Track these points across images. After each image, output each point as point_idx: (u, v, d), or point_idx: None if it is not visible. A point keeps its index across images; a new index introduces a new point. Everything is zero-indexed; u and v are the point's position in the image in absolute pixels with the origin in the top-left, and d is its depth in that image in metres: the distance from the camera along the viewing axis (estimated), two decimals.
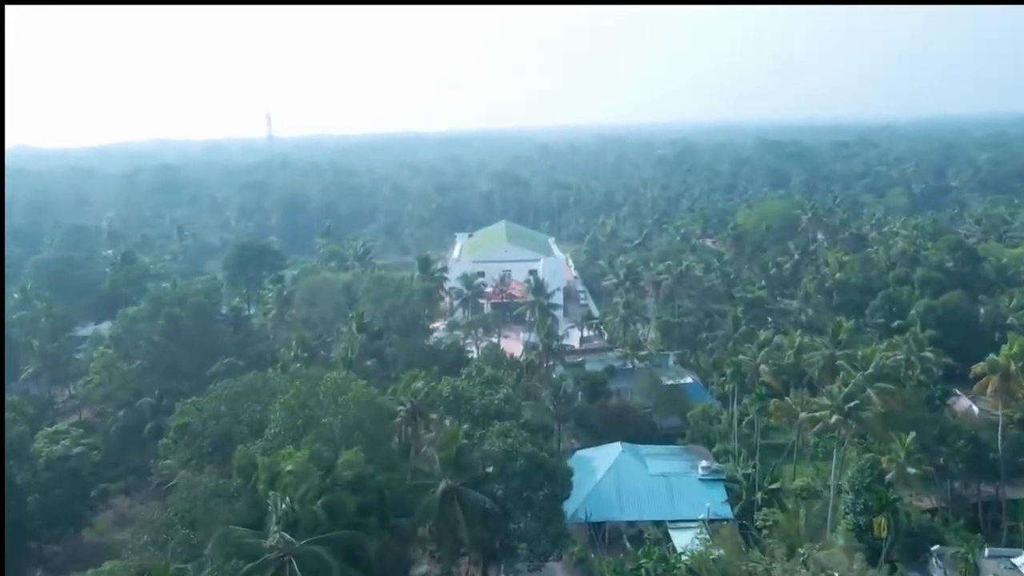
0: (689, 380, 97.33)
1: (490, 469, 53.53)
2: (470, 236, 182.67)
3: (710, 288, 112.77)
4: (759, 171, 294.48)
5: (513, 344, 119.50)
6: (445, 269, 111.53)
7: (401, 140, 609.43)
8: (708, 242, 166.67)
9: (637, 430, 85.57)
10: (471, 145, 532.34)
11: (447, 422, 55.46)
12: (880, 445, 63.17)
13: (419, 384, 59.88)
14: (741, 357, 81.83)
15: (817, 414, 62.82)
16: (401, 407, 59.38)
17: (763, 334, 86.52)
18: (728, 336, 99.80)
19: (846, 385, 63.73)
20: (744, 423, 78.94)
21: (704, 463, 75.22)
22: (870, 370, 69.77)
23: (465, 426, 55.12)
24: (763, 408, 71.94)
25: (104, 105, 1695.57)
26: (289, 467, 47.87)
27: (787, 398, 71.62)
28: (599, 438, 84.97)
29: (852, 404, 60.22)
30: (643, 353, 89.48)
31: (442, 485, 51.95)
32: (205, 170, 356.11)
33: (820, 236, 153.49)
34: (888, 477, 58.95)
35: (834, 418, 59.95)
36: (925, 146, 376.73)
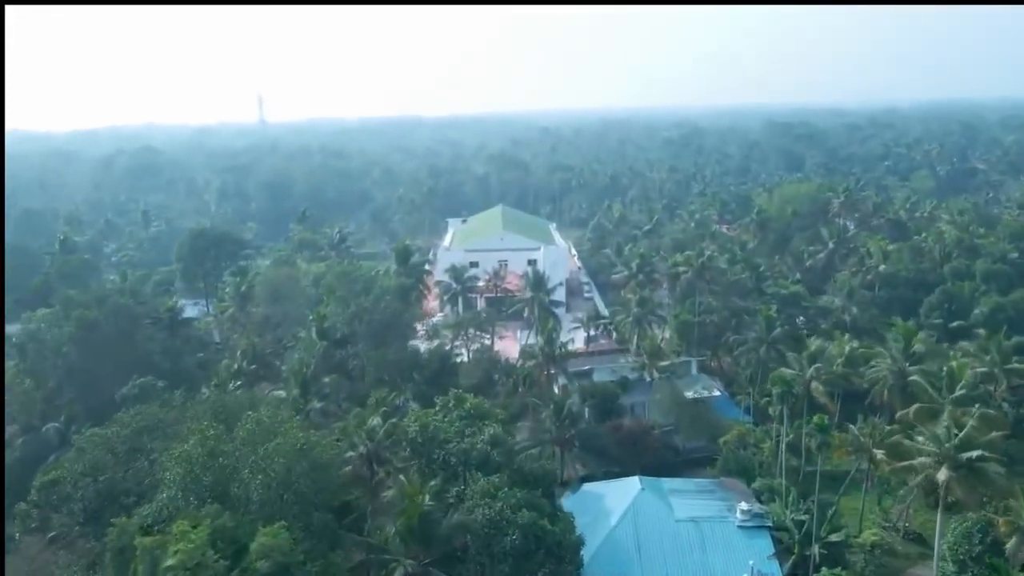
0: (717, 393, 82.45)
1: (470, 543, 38.68)
2: (463, 222, 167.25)
3: (736, 282, 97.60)
4: (771, 153, 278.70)
5: (509, 345, 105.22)
6: (428, 261, 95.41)
7: (399, 124, 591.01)
8: (722, 228, 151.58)
9: (657, 456, 70.92)
10: (470, 128, 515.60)
11: (408, 477, 40.42)
12: (992, 500, 48.04)
13: (376, 420, 44.84)
14: (786, 371, 66.82)
15: (916, 463, 47.15)
16: (352, 453, 44.38)
17: (814, 342, 71.19)
18: (760, 339, 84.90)
19: (957, 428, 47.09)
20: (788, 448, 64.13)
21: (744, 505, 60.32)
22: (958, 391, 54.78)
23: (434, 482, 40.16)
24: (824, 442, 56.85)
25: (98, 89, 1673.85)
26: (176, 554, 33.12)
27: (854, 428, 56.58)
28: (609, 464, 70.49)
29: (972, 455, 44.11)
30: (665, 364, 74.26)
31: (400, 571, 37.12)
32: (189, 153, 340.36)
33: (849, 223, 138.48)
34: (1008, 546, 43.93)
35: (944, 473, 44.35)
36: (940, 127, 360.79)
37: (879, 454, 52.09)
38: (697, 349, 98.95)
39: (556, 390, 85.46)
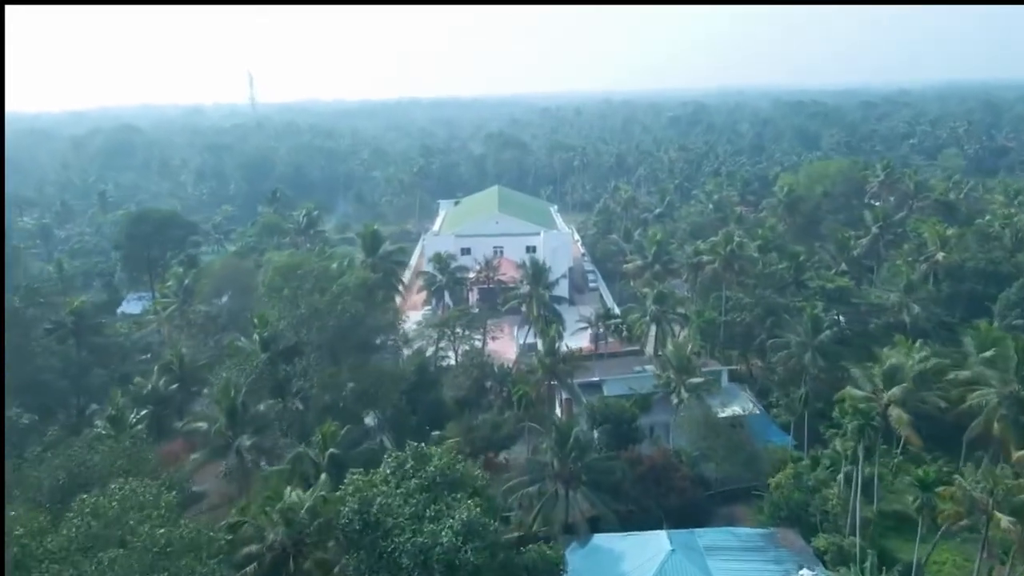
0: (755, 410, 67.86)
1: None
2: (456, 204, 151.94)
3: (771, 274, 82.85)
4: (786, 132, 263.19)
5: (505, 347, 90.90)
6: (403, 250, 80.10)
7: (395, 106, 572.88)
8: (741, 211, 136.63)
9: (684, 496, 56.45)
10: (468, 108, 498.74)
11: None
12: None
13: (294, 497, 30.16)
14: (854, 391, 52.09)
15: None
16: (257, 546, 29.71)
17: (889, 355, 56.39)
18: (804, 343, 70.28)
19: None
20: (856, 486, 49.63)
21: (806, 572, 46.07)
22: None
23: None
24: (927, 503, 42.09)
25: (94, 70, 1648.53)
26: None
27: (962, 480, 41.82)
28: (626, 501, 56.11)
29: None
30: (696, 381, 59.28)
31: None
32: (173, 133, 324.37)
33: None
34: None
35: None
36: (959, 106, 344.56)
37: (1004, 520, 37.58)
38: (723, 352, 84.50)
39: (558, 408, 70.95)
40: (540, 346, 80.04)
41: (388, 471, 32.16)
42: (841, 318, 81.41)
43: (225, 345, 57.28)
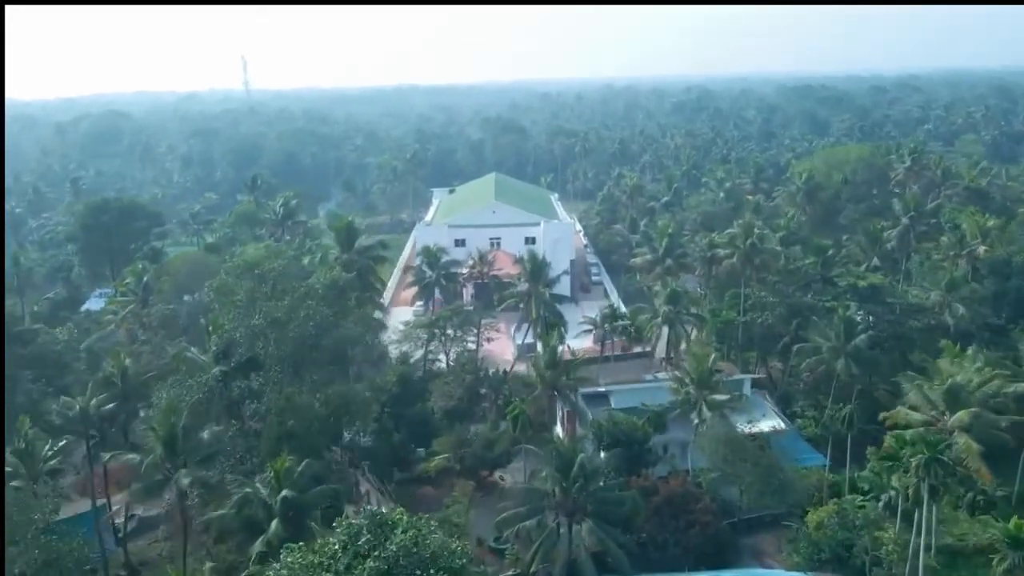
0: (782, 426, 59.95)
1: None
2: (451, 192, 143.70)
3: (796, 269, 74.79)
4: (795, 117, 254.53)
5: (502, 347, 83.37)
6: (384, 244, 71.53)
7: (394, 93, 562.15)
8: (757, 199, 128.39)
9: (707, 531, 48.62)
10: (467, 94, 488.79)
11: None
12: None
13: None
14: (911, 413, 44.16)
15: None
16: None
17: (944, 368, 48.38)
18: (837, 349, 62.45)
19: None
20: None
21: None
22: None
23: None
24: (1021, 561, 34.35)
25: (92, 58, 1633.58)
26: None
27: None
28: (639, 541, 48.53)
29: None
30: (720, 399, 51.15)
31: None
32: (163, 119, 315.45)
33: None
34: None
35: None
36: (970, 92, 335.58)
37: None
38: (740, 354, 76.69)
39: (559, 423, 63.17)
40: (540, 348, 72.46)
41: (337, 546, 24.39)
42: (870, 319, 73.57)
43: (173, 356, 49.21)
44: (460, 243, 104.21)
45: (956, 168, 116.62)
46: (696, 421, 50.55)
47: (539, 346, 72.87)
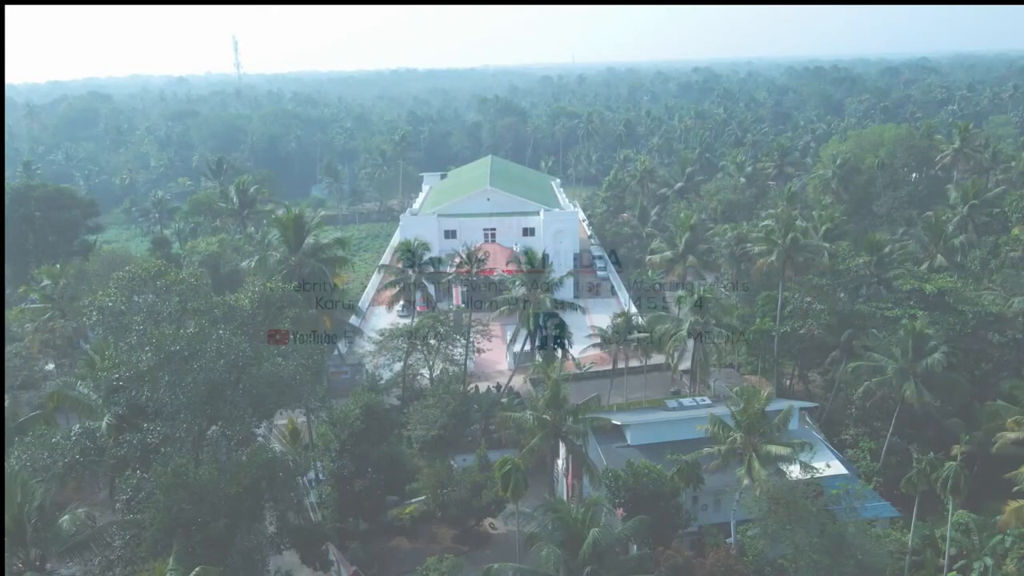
0: (840, 467, 47.91)
1: None
2: (443, 178, 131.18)
3: (846, 270, 62.55)
4: (809, 99, 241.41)
5: (495, 356, 72.07)
6: (341, 242, 58.39)
7: (391, 76, 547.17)
8: (791, 186, 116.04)
9: None
10: (466, 78, 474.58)
11: None
12: None
13: None
14: None
15: None
16: None
17: None
18: (904, 371, 50.58)
19: None
20: None
21: None
22: None
23: None
24: None
25: (88, 41, 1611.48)
26: None
27: None
28: None
29: None
30: (780, 452, 38.68)
31: None
32: (146, 102, 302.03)
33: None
34: None
35: None
36: (988, 74, 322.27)
37: None
38: (775, 367, 64.73)
39: (559, 467, 51.22)
40: (539, 358, 60.65)
41: None
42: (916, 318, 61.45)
43: (49, 395, 36.83)
44: (450, 234, 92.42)
45: (1006, 150, 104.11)
46: (746, 481, 38.31)
47: (538, 356, 61.33)
